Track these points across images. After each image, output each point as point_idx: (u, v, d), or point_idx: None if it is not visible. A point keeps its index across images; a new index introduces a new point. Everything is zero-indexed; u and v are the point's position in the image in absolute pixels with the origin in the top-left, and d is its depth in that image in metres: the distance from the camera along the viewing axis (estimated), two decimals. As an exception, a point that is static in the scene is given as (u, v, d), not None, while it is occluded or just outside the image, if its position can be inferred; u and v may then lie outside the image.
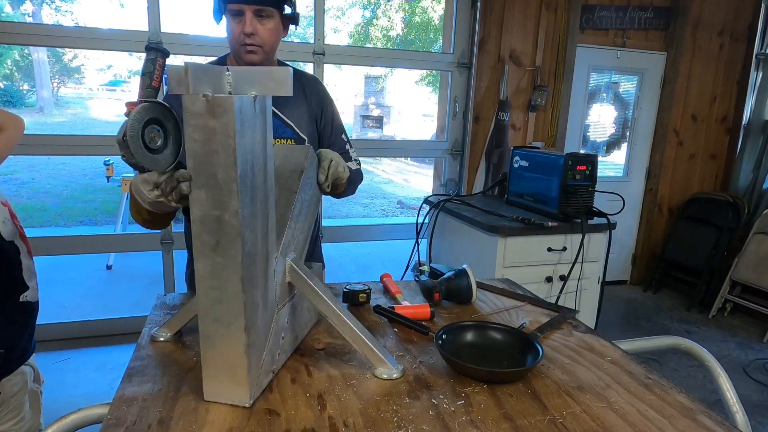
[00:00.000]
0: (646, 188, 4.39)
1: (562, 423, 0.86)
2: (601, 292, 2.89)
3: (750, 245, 3.81)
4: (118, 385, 0.93)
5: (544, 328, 1.23)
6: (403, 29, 16.08)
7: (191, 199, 0.81)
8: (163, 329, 1.10)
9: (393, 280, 1.49)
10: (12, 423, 1.16)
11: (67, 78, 21.06)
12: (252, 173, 0.83)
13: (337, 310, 1.00)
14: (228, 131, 0.77)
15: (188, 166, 0.80)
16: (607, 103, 4.30)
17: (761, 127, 4.10)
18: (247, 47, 1.28)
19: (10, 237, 1.14)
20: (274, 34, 1.31)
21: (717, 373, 1.24)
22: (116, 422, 0.82)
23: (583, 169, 2.65)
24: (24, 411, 1.19)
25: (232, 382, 0.86)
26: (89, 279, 4.44)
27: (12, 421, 1.16)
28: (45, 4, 15.46)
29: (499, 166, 3.53)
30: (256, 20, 1.26)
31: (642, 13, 3.95)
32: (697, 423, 0.87)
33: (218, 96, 0.77)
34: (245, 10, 1.25)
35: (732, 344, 3.48)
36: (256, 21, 1.26)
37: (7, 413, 1.16)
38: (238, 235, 0.81)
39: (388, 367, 0.99)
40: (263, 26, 1.28)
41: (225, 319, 0.84)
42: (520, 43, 3.61)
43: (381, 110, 18.16)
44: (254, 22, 1.26)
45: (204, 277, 0.84)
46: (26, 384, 1.20)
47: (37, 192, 8.52)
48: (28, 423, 1.20)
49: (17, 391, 1.16)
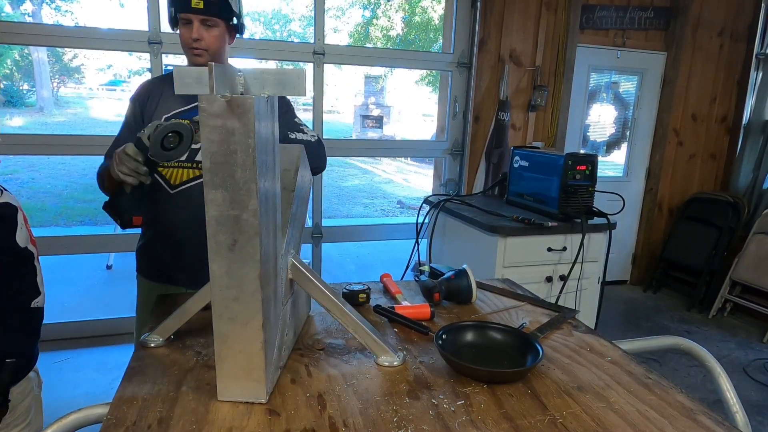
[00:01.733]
0: (646, 188, 4.38)
1: (562, 423, 0.86)
2: (601, 292, 2.89)
3: (750, 245, 3.81)
4: (118, 385, 0.93)
5: (544, 328, 1.23)
6: (403, 29, 16.08)
7: (206, 199, 0.82)
8: (154, 335, 1.09)
9: (393, 280, 1.49)
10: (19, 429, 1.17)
11: (67, 78, 21.06)
12: (265, 172, 0.85)
13: (339, 303, 1.02)
14: (248, 131, 0.78)
15: (204, 167, 0.81)
16: (607, 103, 4.30)
17: (761, 127, 4.10)
18: (194, 50, 1.45)
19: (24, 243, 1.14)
20: (219, 40, 1.47)
21: (717, 373, 1.24)
22: (116, 422, 0.82)
23: (583, 169, 2.64)
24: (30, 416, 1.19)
25: (249, 379, 0.87)
26: (89, 279, 4.44)
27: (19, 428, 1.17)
28: (45, 4, 15.46)
29: (499, 166, 3.53)
30: (203, 28, 1.43)
31: (642, 13, 3.95)
32: (697, 423, 0.87)
33: (238, 96, 0.78)
34: (193, 19, 1.42)
35: (732, 344, 3.48)
36: (203, 28, 1.43)
37: (15, 420, 1.16)
38: (256, 233, 0.82)
39: (390, 355, 1.03)
40: (209, 33, 1.44)
41: (241, 318, 0.85)
42: (520, 43, 3.61)
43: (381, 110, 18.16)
44: (200, 30, 1.43)
45: (220, 276, 0.84)
46: (33, 390, 1.20)
47: (37, 192, 8.52)
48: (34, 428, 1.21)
49: (25, 398, 1.17)
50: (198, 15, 1.41)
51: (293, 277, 1.03)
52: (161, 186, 1.46)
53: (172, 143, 1.12)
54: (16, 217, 1.13)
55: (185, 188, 1.46)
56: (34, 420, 1.21)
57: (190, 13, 1.41)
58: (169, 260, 1.52)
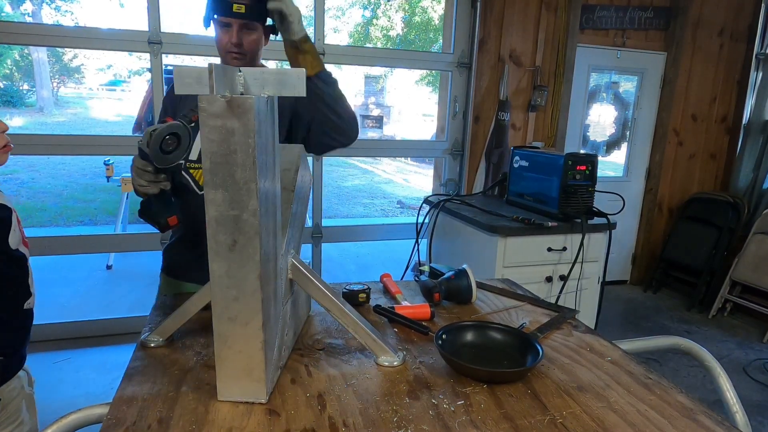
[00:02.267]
0: (646, 188, 4.39)
1: (562, 423, 0.86)
2: (601, 292, 2.89)
3: (750, 245, 3.81)
4: (118, 385, 0.93)
5: (544, 328, 1.23)
6: (403, 29, 16.09)
7: (206, 199, 0.82)
8: (154, 335, 1.09)
9: (393, 280, 1.49)
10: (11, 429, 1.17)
11: (67, 78, 21.06)
12: (265, 172, 0.85)
13: (339, 303, 1.02)
14: (248, 131, 0.78)
15: (204, 167, 0.81)
16: (607, 103, 4.30)
17: (761, 127, 4.10)
18: (233, 54, 1.41)
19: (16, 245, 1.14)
20: (257, 43, 1.44)
21: (717, 373, 1.24)
22: (116, 422, 0.82)
23: (583, 169, 2.65)
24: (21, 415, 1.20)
25: (249, 379, 0.87)
26: (89, 279, 4.44)
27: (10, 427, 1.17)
28: (45, 4, 15.46)
29: (499, 166, 3.53)
30: (242, 32, 1.39)
31: (642, 13, 3.95)
32: (697, 423, 0.87)
33: (238, 96, 0.78)
34: (233, 23, 1.37)
35: (732, 344, 3.48)
36: (242, 32, 1.39)
37: (7, 419, 1.17)
38: (256, 234, 0.82)
39: (390, 355, 1.02)
40: (248, 37, 1.40)
41: (241, 318, 0.86)
42: (520, 43, 3.61)
43: (381, 110, 18.16)
44: (240, 34, 1.38)
45: (220, 276, 0.85)
46: (23, 388, 1.21)
47: (37, 192, 8.52)
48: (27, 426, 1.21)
49: (15, 396, 1.17)
50: (238, 19, 1.37)
51: (293, 277, 1.03)
52: (190, 187, 1.45)
53: (171, 146, 1.12)
54: (11, 219, 1.13)
55: None
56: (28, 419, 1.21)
57: (230, 17, 1.37)
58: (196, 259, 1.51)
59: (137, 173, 1.17)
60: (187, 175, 1.44)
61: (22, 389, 1.20)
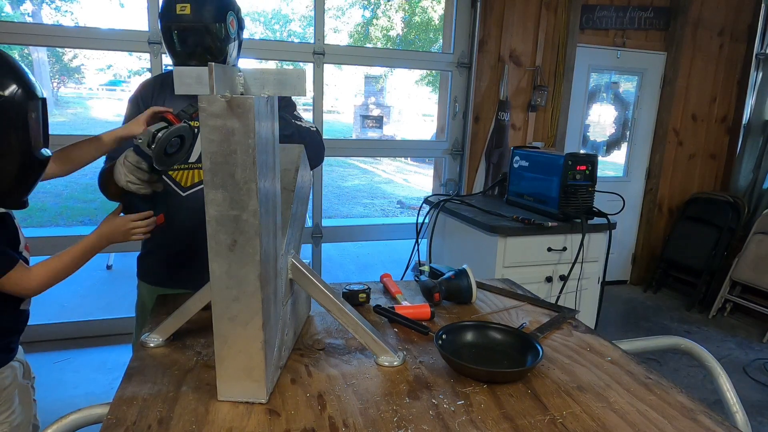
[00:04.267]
0: (646, 188, 4.38)
1: (562, 423, 0.86)
2: (601, 292, 2.89)
3: (750, 245, 3.81)
4: (118, 385, 0.93)
5: (544, 328, 1.23)
6: (403, 29, 16.09)
7: (206, 199, 0.82)
8: (154, 335, 1.09)
9: (393, 280, 1.49)
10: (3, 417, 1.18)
11: (67, 78, 21.04)
12: (265, 172, 0.85)
13: (339, 303, 1.03)
14: (248, 131, 0.78)
15: (204, 167, 0.81)
16: (607, 103, 4.30)
17: (761, 127, 4.10)
18: None
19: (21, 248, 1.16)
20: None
21: (717, 373, 1.24)
22: (116, 422, 0.82)
23: (583, 169, 2.64)
24: (14, 405, 1.21)
25: (249, 379, 0.88)
26: (89, 279, 4.44)
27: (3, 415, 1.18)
28: (45, 4, 15.45)
29: (499, 166, 3.53)
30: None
31: (642, 13, 3.95)
32: (697, 423, 0.87)
33: (238, 96, 0.78)
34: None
35: (732, 344, 3.48)
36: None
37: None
38: (256, 234, 0.82)
39: (390, 355, 1.03)
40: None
41: (241, 318, 0.86)
42: (520, 43, 3.61)
43: (381, 110, 18.16)
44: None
45: (220, 276, 0.84)
46: (16, 378, 1.22)
47: (37, 192, 8.39)
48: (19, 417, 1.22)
49: (8, 385, 1.19)
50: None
51: (293, 277, 1.03)
52: (172, 189, 1.42)
53: (175, 148, 1.12)
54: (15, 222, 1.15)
55: (197, 190, 1.42)
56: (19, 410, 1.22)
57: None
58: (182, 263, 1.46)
59: (129, 168, 1.17)
60: (166, 177, 1.41)
61: (15, 379, 1.21)
